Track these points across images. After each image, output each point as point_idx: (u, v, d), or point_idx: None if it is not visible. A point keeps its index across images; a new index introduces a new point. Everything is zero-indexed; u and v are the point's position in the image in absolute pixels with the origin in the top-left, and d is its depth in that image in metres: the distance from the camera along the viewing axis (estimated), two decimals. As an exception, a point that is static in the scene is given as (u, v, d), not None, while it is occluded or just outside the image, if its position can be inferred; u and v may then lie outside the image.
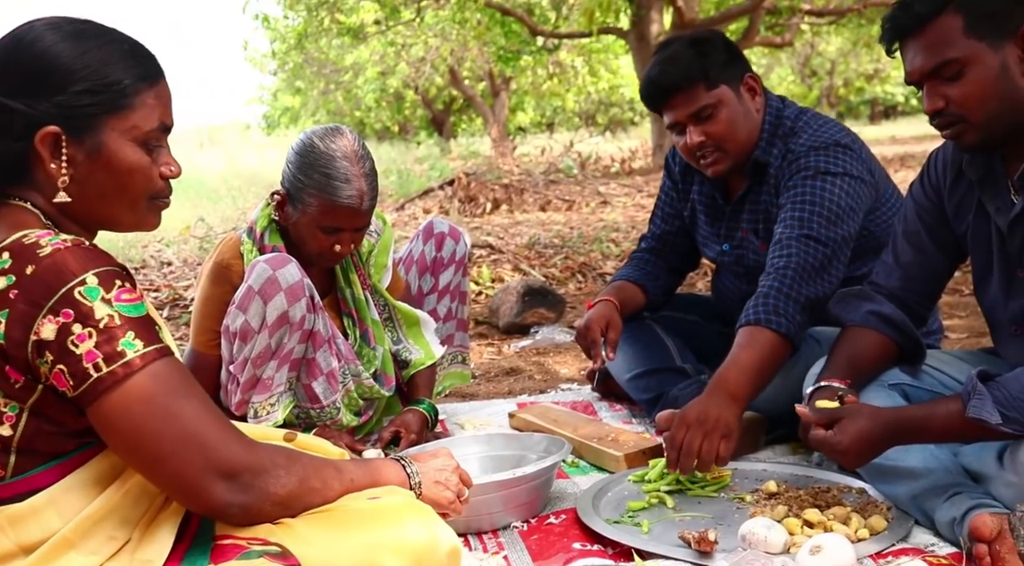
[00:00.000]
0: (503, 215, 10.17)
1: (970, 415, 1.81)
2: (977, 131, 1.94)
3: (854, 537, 1.97)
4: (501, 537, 2.17)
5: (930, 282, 2.30)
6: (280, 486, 1.43)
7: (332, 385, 2.58)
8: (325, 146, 2.48)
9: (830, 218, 2.54)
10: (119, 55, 1.44)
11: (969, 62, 1.88)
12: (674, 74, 2.62)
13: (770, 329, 2.41)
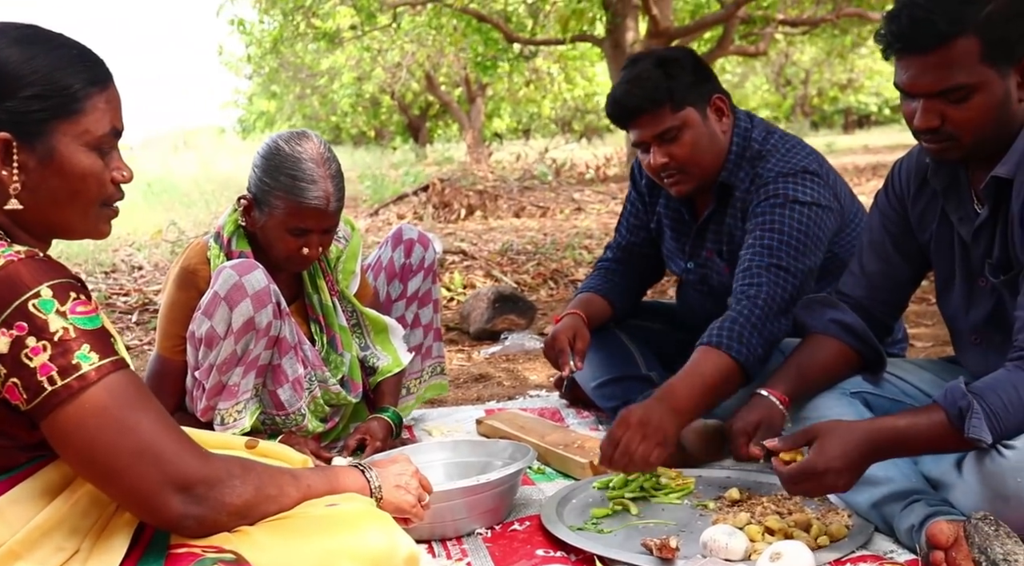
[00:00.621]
0: (477, 221, 10.18)
1: (969, 436, 1.78)
2: (964, 151, 1.94)
3: (814, 544, 1.99)
4: (465, 544, 2.17)
5: (895, 291, 2.32)
6: (236, 496, 1.43)
7: (298, 392, 2.57)
8: (291, 149, 2.48)
9: (798, 247, 2.53)
10: (68, 60, 1.43)
11: (978, 88, 1.85)
12: (639, 96, 2.61)
13: (729, 355, 2.39)
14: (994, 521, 1.75)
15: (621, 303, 3.04)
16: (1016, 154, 1.92)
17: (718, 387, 2.39)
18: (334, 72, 21.55)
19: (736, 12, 11.60)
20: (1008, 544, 1.70)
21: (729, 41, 12.71)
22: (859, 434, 1.88)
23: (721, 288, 2.76)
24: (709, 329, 2.46)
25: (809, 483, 1.90)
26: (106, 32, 35.83)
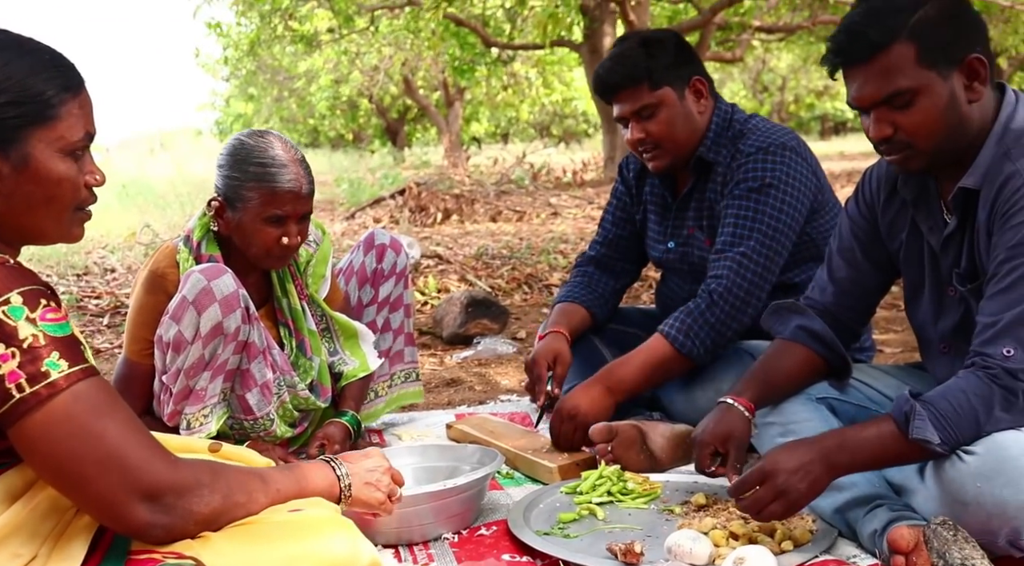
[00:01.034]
0: (453, 225, 10.18)
1: (913, 436, 1.82)
2: (924, 157, 1.96)
3: (778, 549, 2.00)
4: (432, 548, 2.17)
5: (863, 298, 2.34)
6: (204, 505, 1.43)
7: (266, 396, 2.57)
8: (255, 142, 2.51)
9: (768, 233, 2.67)
10: (41, 65, 1.42)
11: (921, 91, 1.88)
12: (620, 72, 2.74)
13: (674, 347, 2.65)
14: (953, 526, 1.77)
15: (601, 311, 3.07)
16: (982, 165, 1.94)
17: (657, 372, 2.70)
18: (312, 75, 21.51)
19: (713, 18, 11.65)
20: (966, 549, 1.72)
21: (706, 47, 12.77)
22: (806, 449, 1.92)
23: (702, 264, 2.85)
24: (668, 317, 2.69)
25: (761, 507, 1.92)
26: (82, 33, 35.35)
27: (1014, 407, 1.82)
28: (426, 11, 9.37)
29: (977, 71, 1.90)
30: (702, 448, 2.22)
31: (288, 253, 2.55)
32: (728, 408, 2.24)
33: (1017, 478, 1.76)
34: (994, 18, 10.73)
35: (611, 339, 3.09)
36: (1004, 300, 1.84)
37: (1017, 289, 1.83)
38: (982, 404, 1.82)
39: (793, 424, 2.23)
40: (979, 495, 1.79)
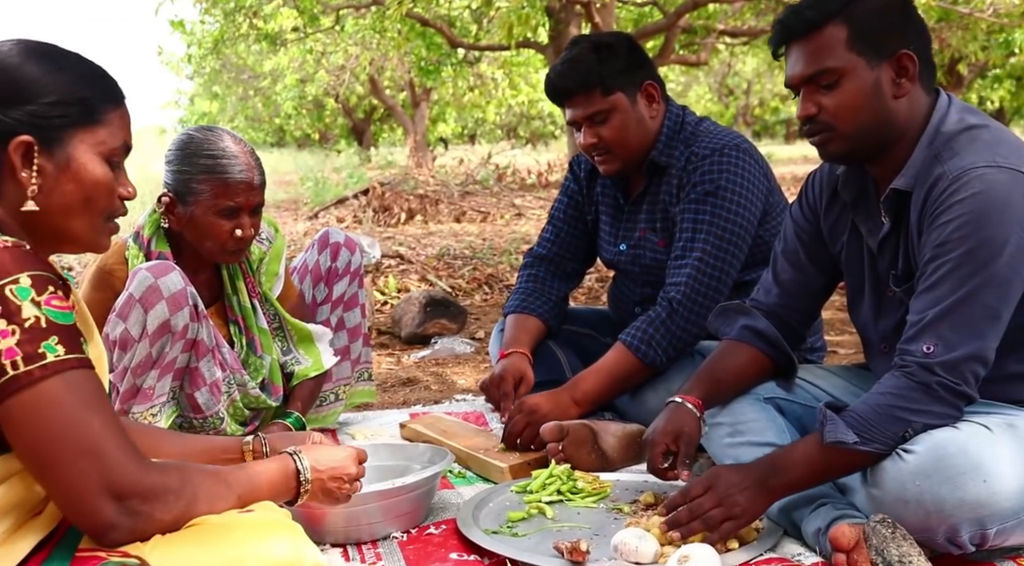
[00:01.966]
0: (417, 225, 10.16)
1: (827, 440, 1.87)
2: (843, 142, 2.00)
3: (723, 547, 2.01)
4: (380, 547, 2.17)
5: (807, 300, 2.37)
6: (166, 512, 1.43)
7: (215, 395, 2.55)
8: (203, 135, 2.50)
9: (724, 236, 2.70)
10: (88, 74, 1.49)
11: (846, 73, 1.95)
12: (572, 78, 2.74)
13: (636, 357, 2.69)
14: (892, 524, 1.79)
15: (554, 320, 3.08)
16: (914, 167, 1.98)
17: (620, 382, 2.75)
18: (277, 74, 21.37)
19: (677, 22, 11.67)
20: (904, 546, 1.74)
21: (670, 50, 12.79)
22: (740, 470, 2.00)
23: (655, 265, 2.87)
24: (631, 325, 2.73)
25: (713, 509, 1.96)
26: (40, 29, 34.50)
27: (940, 400, 1.85)
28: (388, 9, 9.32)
29: (906, 67, 1.96)
30: (653, 448, 2.23)
31: (242, 246, 2.53)
32: (677, 407, 2.25)
33: (954, 476, 1.79)
34: (953, 25, 10.82)
35: (565, 340, 3.10)
36: (929, 298, 1.88)
37: (941, 286, 1.86)
38: (901, 400, 1.86)
39: (741, 424, 2.26)
40: (919, 493, 1.81)
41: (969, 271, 1.84)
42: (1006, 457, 1.82)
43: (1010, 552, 1.99)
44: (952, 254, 1.86)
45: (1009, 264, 1.84)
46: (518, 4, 10.84)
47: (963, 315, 1.84)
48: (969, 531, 1.81)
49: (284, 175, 19.55)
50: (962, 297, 1.84)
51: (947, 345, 1.84)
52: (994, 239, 1.83)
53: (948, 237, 1.86)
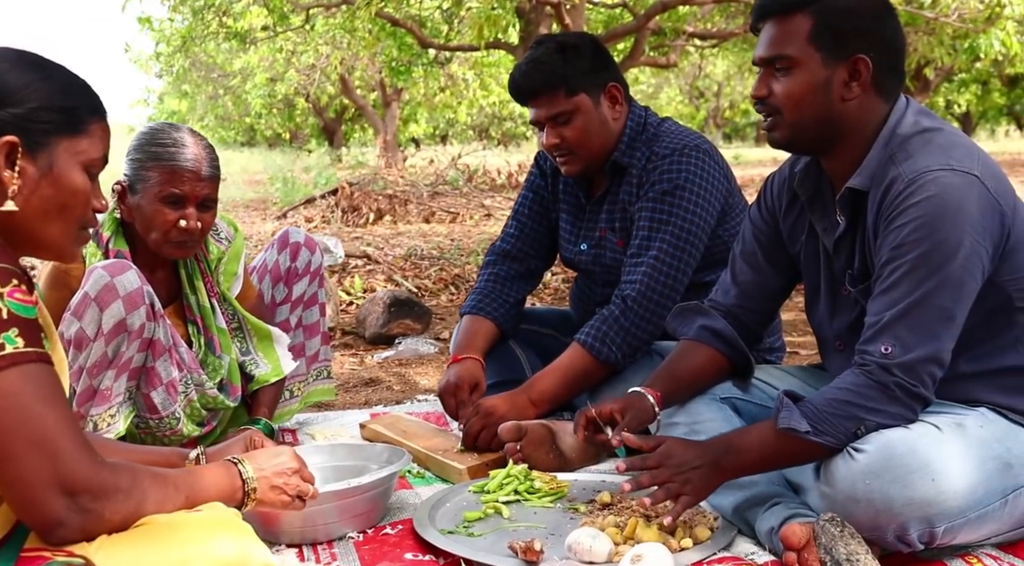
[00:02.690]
0: (386, 226, 10.14)
1: (780, 426, 1.89)
2: (787, 129, 2.04)
3: (677, 546, 2.02)
4: (335, 547, 2.17)
5: (765, 301, 2.39)
6: (115, 512, 1.43)
7: (172, 395, 2.53)
8: (159, 127, 2.52)
9: (680, 235, 2.71)
10: (75, 86, 1.52)
11: (799, 64, 1.99)
12: (536, 78, 2.74)
13: (591, 354, 2.69)
14: (840, 522, 1.81)
15: (508, 323, 3.06)
16: (869, 167, 2.00)
17: (577, 382, 2.74)
18: (247, 72, 21.27)
19: (647, 24, 11.72)
20: (851, 544, 1.76)
21: (640, 52, 12.83)
22: (696, 447, 2.02)
23: (615, 265, 2.87)
24: (586, 324, 2.73)
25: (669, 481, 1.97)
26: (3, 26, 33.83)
27: (896, 400, 1.87)
28: (358, 9, 9.30)
29: (859, 71, 1.99)
30: (599, 407, 2.23)
31: (187, 239, 2.50)
32: (637, 394, 2.27)
33: (903, 475, 1.81)
34: (919, 30, 10.92)
35: (526, 341, 3.10)
36: (886, 299, 1.90)
37: (899, 288, 1.88)
38: (857, 397, 1.88)
39: (698, 424, 2.27)
40: (869, 492, 1.83)
41: (924, 274, 1.86)
42: (954, 456, 1.84)
43: (960, 550, 2.01)
44: (907, 256, 1.88)
45: (963, 267, 1.86)
46: (488, 5, 10.85)
47: (919, 317, 1.87)
48: (918, 529, 1.84)
49: (254, 174, 19.47)
50: (917, 299, 1.86)
51: (904, 346, 1.86)
52: (948, 242, 1.86)
53: (904, 240, 1.89)
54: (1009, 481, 1.89)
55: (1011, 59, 12.47)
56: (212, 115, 28.11)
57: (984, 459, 1.87)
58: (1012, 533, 1.98)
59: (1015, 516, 1.93)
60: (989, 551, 2.02)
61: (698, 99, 35.00)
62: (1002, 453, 1.90)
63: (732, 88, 32.74)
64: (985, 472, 1.86)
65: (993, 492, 1.87)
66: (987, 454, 1.88)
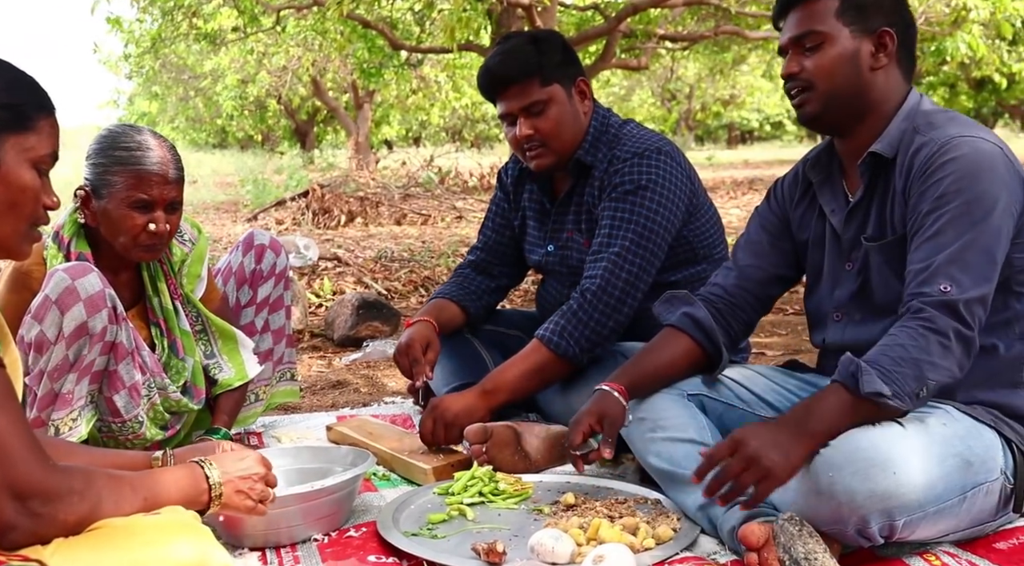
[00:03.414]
0: (357, 228, 10.12)
1: (866, 390, 1.87)
2: (819, 102, 2.14)
3: (640, 546, 2.03)
4: (299, 550, 2.16)
5: (763, 285, 2.43)
6: (69, 514, 1.42)
7: (134, 398, 2.51)
8: (120, 129, 2.50)
9: (644, 234, 2.70)
10: (21, 82, 1.50)
11: (829, 39, 2.10)
12: (512, 66, 2.74)
13: (549, 349, 2.65)
14: (799, 522, 1.83)
15: (475, 308, 3.08)
16: (891, 136, 2.12)
17: (535, 376, 2.71)
18: (217, 74, 21.17)
19: (618, 26, 11.77)
20: (810, 543, 1.78)
21: (611, 54, 12.89)
22: (771, 426, 1.94)
23: (581, 266, 2.87)
24: (544, 323, 2.70)
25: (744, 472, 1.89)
26: None
27: (951, 353, 1.91)
28: (328, 10, 9.27)
29: (885, 43, 2.12)
30: (576, 426, 2.25)
31: (156, 242, 2.49)
32: (603, 393, 2.29)
33: (866, 468, 1.83)
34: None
35: (491, 341, 3.10)
36: (933, 246, 1.97)
37: (945, 234, 1.96)
38: (919, 351, 1.90)
39: (663, 420, 2.27)
40: (831, 484, 1.85)
41: (969, 221, 1.95)
42: (916, 452, 1.86)
43: (919, 548, 2.04)
44: (951, 205, 1.97)
45: (1001, 217, 1.96)
46: (460, 7, 10.84)
47: (970, 259, 1.94)
48: (878, 522, 1.85)
49: (225, 177, 19.38)
50: (966, 243, 1.94)
51: (961, 286, 1.92)
52: (988, 193, 1.96)
53: (945, 190, 1.98)
54: (968, 478, 1.92)
55: (977, 62, 12.62)
56: (183, 117, 27.95)
57: (945, 456, 1.90)
58: (969, 530, 2.01)
59: (972, 513, 1.96)
60: (947, 549, 2.04)
61: (670, 101, 35.12)
62: (963, 451, 1.92)
63: (703, 90, 32.89)
64: (945, 468, 1.89)
65: (952, 488, 1.89)
66: (948, 451, 1.91)
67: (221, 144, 33.42)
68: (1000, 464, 1.97)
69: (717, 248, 2.90)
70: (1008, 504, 2.02)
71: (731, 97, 33.94)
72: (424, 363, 2.80)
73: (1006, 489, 1.99)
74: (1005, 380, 2.09)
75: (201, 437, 2.68)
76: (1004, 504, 2.01)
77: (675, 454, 2.21)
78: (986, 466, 1.94)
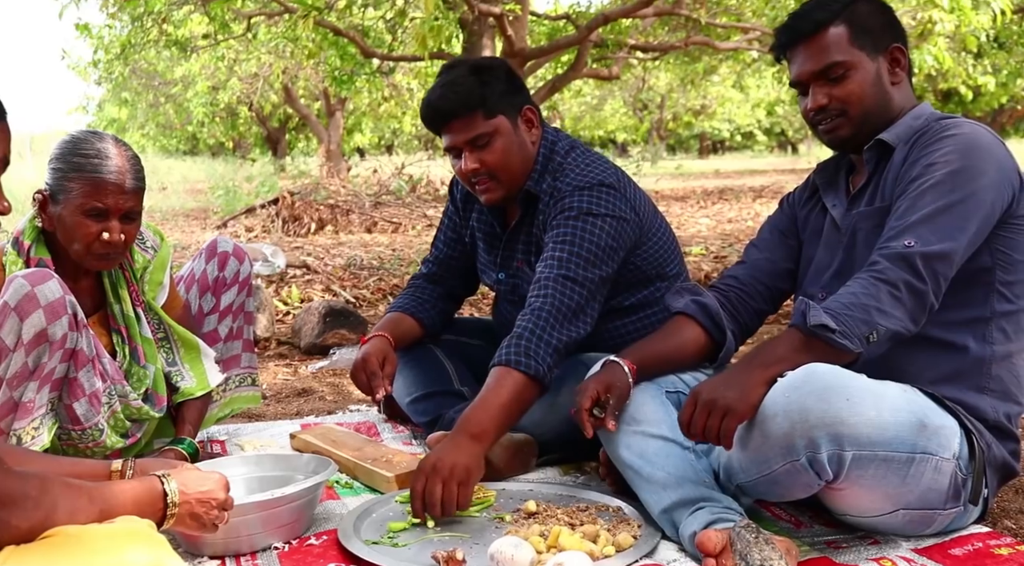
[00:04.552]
0: (328, 236, 10.10)
1: (811, 322, 1.96)
2: (852, 125, 2.23)
3: (599, 553, 2.04)
4: (259, 559, 2.15)
5: (773, 277, 2.48)
6: (23, 519, 1.41)
7: (95, 406, 2.49)
8: (83, 136, 2.47)
9: (589, 259, 2.58)
10: None
11: (852, 66, 2.20)
12: (453, 100, 2.64)
13: (519, 371, 2.43)
14: (756, 529, 1.84)
15: (430, 321, 3.06)
16: (899, 129, 2.22)
17: (514, 405, 2.42)
18: (188, 80, 21.06)
19: (589, 36, 11.82)
20: (766, 550, 1.79)
21: (582, 64, 12.93)
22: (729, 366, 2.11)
23: None
24: (499, 349, 2.49)
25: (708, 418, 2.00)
26: None
27: (901, 303, 1.98)
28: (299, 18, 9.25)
29: (898, 59, 2.25)
30: (584, 392, 2.23)
31: (110, 251, 2.47)
32: (612, 364, 2.30)
33: (822, 388, 1.89)
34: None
35: (452, 350, 3.09)
36: (911, 205, 2.06)
37: (925, 196, 2.05)
38: (869, 298, 1.98)
39: (639, 414, 2.27)
40: (787, 404, 1.91)
41: (950, 187, 2.03)
42: (871, 390, 1.93)
43: (875, 553, 2.06)
44: (937, 173, 2.06)
45: (986, 190, 2.04)
46: (431, 16, 10.85)
47: (940, 221, 2.02)
48: (828, 448, 1.88)
49: (195, 184, 19.29)
50: (942, 206, 2.02)
51: (925, 241, 2.00)
52: (977, 167, 2.05)
53: (936, 160, 2.08)
54: (920, 440, 1.94)
55: (944, 74, 12.77)
56: (153, 123, 27.78)
57: (899, 408, 1.94)
58: (918, 512, 2.03)
59: (921, 488, 1.97)
60: (903, 554, 2.06)
61: (642, 111, 35.26)
62: (918, 412, 1.96)
63: (675, 101, 33.07)
64: (899, 416, 1.92)
65: (903, 440, 1.92)
66: (903, 406, 1.95)
67: (192, 151, 33.26)
68: (955, 449, 1.99)
69: (669, 266, 2.83)
70: (959, 497, 2.04)
71: (702, 107, 34.14)
72: (382, 376, 2.75)
73: (957, 477, 2.01)
74: (971, 382, 2.11)
75: (166, 448, 2.65)
76: (954, 495, 2.03)
77: (646, 449, 2.21)
78: (940, 439, 1.97)
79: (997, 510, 2.35)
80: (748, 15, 12.12)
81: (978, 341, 2.12)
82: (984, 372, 2.13)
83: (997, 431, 2.13)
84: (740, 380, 2.00)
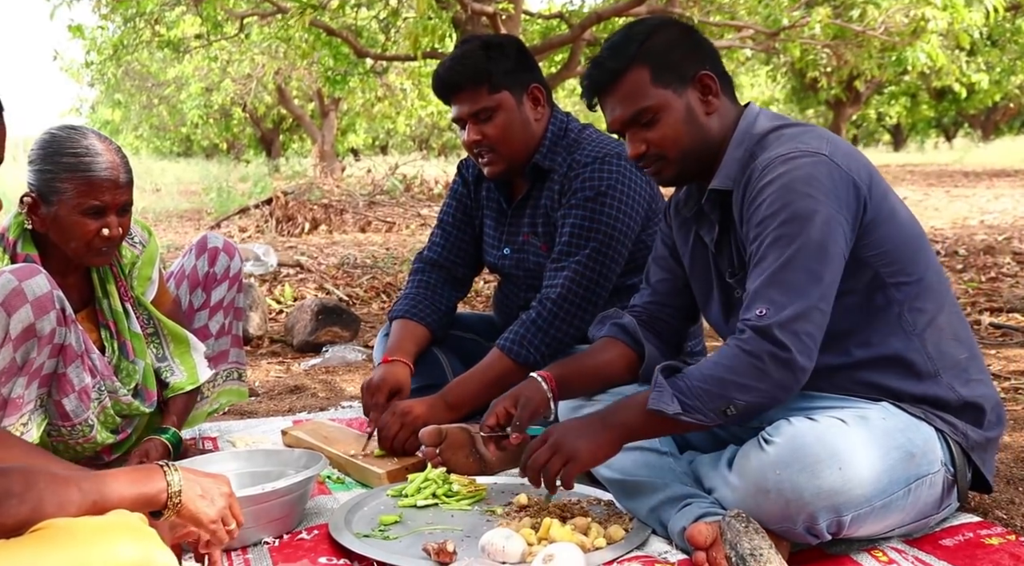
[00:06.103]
0: (321, 236, 10.09)
1: (650, 407, 1.95)
2: (674, 166, 2.15)
3: (590, 546, 2.04)
4: (249, 553, 2.14)
5: (677, 297, 2.44)
6: (9, 516, 1.40)
7: (84, 402, 2.48)
8: (66, 134, 2.44)
9: (604, 241, 2.72)
10: None
11: (660, 109, 2.09)
12: (460, 73, 2.75)
13: (510, 358, 2.67)
14: (745, 518, 1.84)
15: (440, 329, 3.06)
16: (727, 167, 2.11)
17: (494, 385, 2.65)
18: (181, 82, 21.03)
19: (582, 35, 11.81)
20: (756, 539, 1.79)
21: (576, 62, 12.92)
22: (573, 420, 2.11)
23: (538, 269, 2.88)
24: (504, 332, 2.71)
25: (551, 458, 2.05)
26: None
27: (767, 376, 1.89)
28: (291, 18, 9.24)
29: (708, 86, 2.12)
30: (491, 408, 2.31)
31: (111, 246, 2.47)
32: (530, 380, 2.34)
33: (811, 464, 1.84)
34: (849, 42, 11.13)
35: (450, 345, 3.09)
36: (758, 271, 1.97)
37: (766, 259, 1.95)
38: (730, 372, 1.91)
39: None
40: (779, 482, 1.87)
41: (786, 240, 1.93)
42: (860, 446, 1.88)
43: (867, 544, 2.05)
44: (768, 228, 1.96)
45: (822, 231, 1.92)
46: (424, 15, 10.84)
47: (786, 279, 1.92)
48: (826, 519, 1.87)
49: (189, 185, 19.24)
50: (783, 263, 1.92)
51: (777, 306, 1.90)
52: (803, 209, 1.93)
53: (763, 215, 1.97)
54: (912, 470, 1.94)
55: (937, 72, 12.78)
56: (147, 125, 27.72)
57: (888, 449, 1.92)
58: (915, 524, 2.03)
59: (918, 506, 1.98)
60: (895, 545, 2.06)
61: (636, 110, 35.22)
62: (904, 443, 1.94)
63: (669, 100, 33.03)
64: (889, 461, 1.90)
65: (897, 481, 1.91)
66: (891, 444, 1.93)
67: (186, 152, 33.20)
68: (940, 456, 1.99)
69: None
70: (951, 494, 2.04)
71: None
72: (381, 409, 2.75)
73: (947, 480, 2.01)
74: (924, 373, 2.06)
75: (150, 438, 2.64)
76: (947, 495, 2.03)
77: (625, 463, 2.21)
78: (927, 458, 1.97)
79: (989, 501, 2.34)
80: (742, 13, 12.11)
81: (904, 336, 2.05)
82: (926, 356, 2.06)
83: (965, 411, 2.07)
84: (593, 434, 2.04)
